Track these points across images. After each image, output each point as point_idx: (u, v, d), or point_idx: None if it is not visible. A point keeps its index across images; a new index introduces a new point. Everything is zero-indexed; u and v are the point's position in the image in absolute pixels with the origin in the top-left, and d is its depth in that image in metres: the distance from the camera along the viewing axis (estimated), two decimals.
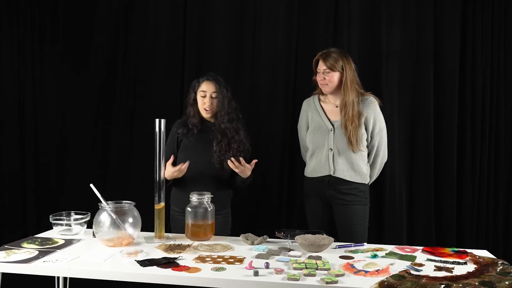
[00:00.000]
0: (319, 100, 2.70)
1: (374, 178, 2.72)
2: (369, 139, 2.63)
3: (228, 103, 2.56)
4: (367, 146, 2.64)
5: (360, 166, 2.60)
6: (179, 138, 2.61)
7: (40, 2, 3.47)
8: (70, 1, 3.50)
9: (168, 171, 2.42)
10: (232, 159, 2.42)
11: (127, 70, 3.48)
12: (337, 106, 2.63)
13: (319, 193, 2.64)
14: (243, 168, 2.44)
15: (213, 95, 2.55)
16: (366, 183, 2.66)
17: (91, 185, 2.11)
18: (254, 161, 2.46)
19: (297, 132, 2.84)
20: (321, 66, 2.58)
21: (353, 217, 2.58)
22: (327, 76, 2.56)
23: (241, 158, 2.44)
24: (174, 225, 2.58)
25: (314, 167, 2.65)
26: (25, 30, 3.45)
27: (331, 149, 2.59)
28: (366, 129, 2.60)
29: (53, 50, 3.51)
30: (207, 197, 2.23)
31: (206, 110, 2.56)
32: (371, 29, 3.28)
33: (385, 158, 2.71)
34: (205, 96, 2.55)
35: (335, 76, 2.56)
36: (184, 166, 2.41)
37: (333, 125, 2.61)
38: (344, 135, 2.56)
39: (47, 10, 3.48)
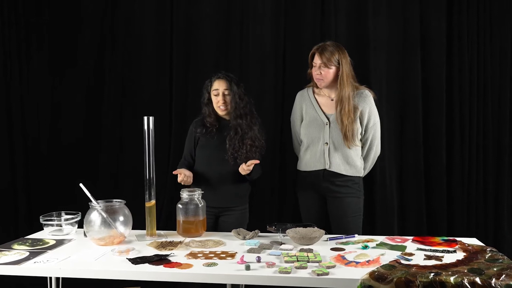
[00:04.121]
0: (314, 92, 2.66)
1: (367, 171, 2.72)
2: (363, 132, 2.61)
3: (239, 99, 2.58)
4: (361, 140, 2.63)
5: (354, 160, 2.58)
6: (197, 137, 2.63)
7: (24, 1, 3.43)
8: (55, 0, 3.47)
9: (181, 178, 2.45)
10: (244, 167, 2.44)
11: (115, 68, 3.46)
12: (332, 100, 2.60)
13: (313, 187, 2.62)
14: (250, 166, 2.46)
15: (226, 92, 2.57)
16: (361, 175, 2.65)
17: (81, 185, 2.10)
18: (253, 162, 2.45)
19: (289, 125, 2.82)
20: (317, 60, 2.54)
21: (347, 209, 2.56)
22: (323, 71, 2.52)
23: (251, 162, 2.44)
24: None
25: (308, 161, 2.62)
26: (10, 31, 3.41)
27: (326, 143, 2.56)
28: (360, 123, 2.58)
29: (40, 49, 3.47)
30: (197, 194, 2.23)
31: (220, 108, 2.58)
32: (358, 19, 3.28)
33: (378, 152, 2.70)
34: (218, 95, 2.57)
35: (331, 70, 2.52)
36: (188, 174, 2.46)
37: (328, 119, 2.57)
38: (339, 130, 2.53)
39: (32, 9, 3.45)
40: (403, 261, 1.74)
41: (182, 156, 2.71)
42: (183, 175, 2.45)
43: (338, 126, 2.53)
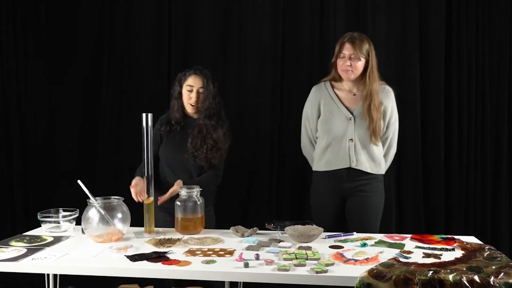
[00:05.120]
0: (332, 86, 2.52)
1: (385, 170, 2.59)
2: (384, 129, 2.50)
3: (212, 99, 2.49)
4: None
5: (379, 157, 2.48)
6: (162, 135, 2.55)
7: None
8: None
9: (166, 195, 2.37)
10: (159, 198, 2.33)
11: (113, 66, 3.45)
12: (354, 94, 2.48)
13: (334, 188, 2.48)
14: (170, 194, 2.35)
15: (200, 90, 2.48)
16: (384, 173, 2.56)
17: (79, 182, 2.09)
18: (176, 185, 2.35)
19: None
20: (348, 51, 2.39)
21: (370, 209, 2.46)
22: (353, 62, 2.39)
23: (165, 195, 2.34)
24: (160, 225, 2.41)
25: (330, 160, 2.46)
26: (7, 29, 3.39)
27: (351, 139, 2.42)
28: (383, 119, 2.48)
29: (37, 47, 3.45)
30: (196, 191, 2.22)
31: (191, 105, 2.50)
32: (357, 17, 3.28)
33: (395, 150, 2.61)
34: (191, 91, 2.48)
35: (361, 62, 2.40)
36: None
37: (352, 114, 2.44)
38: (366, 126, 2.41)
39: (30, 6, 3.43)
40: (401, 259, 1.74)
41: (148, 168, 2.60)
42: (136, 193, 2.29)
43: (365, 122, 2.41)
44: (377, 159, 2.47)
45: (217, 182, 2.56)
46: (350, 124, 2.43)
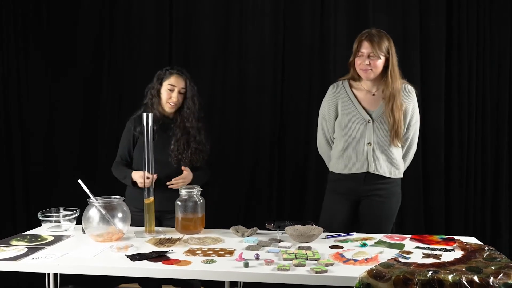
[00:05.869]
0: (351, 86, 2.42)
1: (403, 172, 2.50)
2: (405, 130, 2.40)
3: (195, 100, 2.49)
4: None
5: (398, 161, 2.40)
6: (136, 136, 2.50)
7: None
8: None
9: (138, 180, 2.38)
10: (172, 182, 2.39)
11: (113, 66, 3.45)
12: (373, 94, 2.39)
13: (350, 191, 2.42)
14: (183, 181, 2.41)
15: (181, 91, 2.47)
16: (402, 176, 2.48)
17: (80, 181, 2.10)
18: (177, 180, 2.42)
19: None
20: (367, 49, 2.28)
21: (384, 213, 2.40)
22: (372, 61, 2.29)
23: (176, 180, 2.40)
24: (134, 224, 2.27)
25: (348, 163, 2.38)
26: (8, 29, 3.39)
27: (369, 143, 2.33)
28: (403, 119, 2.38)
29: (38, 44, 3.45)
30: (196, 190, 2.22)
31: (170, 104, 2.47)
32: (357, 16, 3.28)
33: (415, 150, 2.51)
34: (172, 90, 2.46)
35: (380, 61, 2.30)
36: (155, 177, 2.25)
37: (371, 116, 2.35)
38: (388, 127, 2.32)
39: (31, 6, 3.43)
40: (401, 259, 1.74)
41: (118, 156, 2.58)
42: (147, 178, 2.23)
43: (387, 123, 2.32)
44: (396, 162, 2.40)
45: (203, 180, 2.56)
46: (368, 127, 2.35)
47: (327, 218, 2.46)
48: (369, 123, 2.34)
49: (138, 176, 2.40)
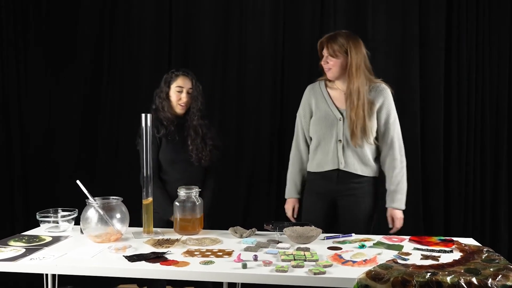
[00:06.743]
0: (326, 86, 2.48)
1: (398, 180, 2.41)
2: (383, 130, 2.42)
3: (202, 99, 2.56)
4: (377, 139, 2.43)
5: (370, 159, 2.41)
6: (159, 140, 2.54)
7: None
8: None
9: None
10: None
11: (113, 65, 3.45)
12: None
13: (325, 190, 2.45)
14: None
15: (189, 91, 2.53)
16: (377, 176, 2.48)
17: (78, 182, 2.09)
18: None
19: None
20: (324, 50, 2.39)
21: (360, 212, 2.41)
22: (330, 61, 2.37)
23: None
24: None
25: (320, 161, 2.43)
26: (8, 29, 3.38)
27: (340, 140, 2.37)
28: (378, 119, 2.40)
29: (37, 44, 3.45)
30: (195, 191, 2.22)
31: (181, 105, 2.54)
32: (357, 17, 3.28)
33: (402, 150, 2.46)
34: (181, 92, 2.53)
35: (339, 60, 2.35)
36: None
37: (342, 114, 2.39)
38: (349, 125, 2.35)
39: (30, 6, 3.43)
40: (400, 261, 1.74)
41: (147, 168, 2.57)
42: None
43: (347, 122, 2.36)
44: (367, 161, 2.41)
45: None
46: (339, 124, 2.39)
47: (307, 219, 2.49)
48: (340, 120, 2.39)
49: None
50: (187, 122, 2.56)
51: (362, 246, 1.98)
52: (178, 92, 2.53)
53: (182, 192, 2.21)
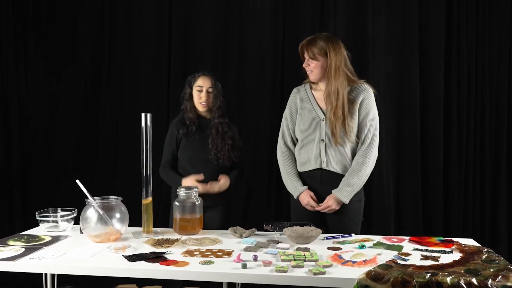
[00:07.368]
0: (311, 88, 2.52)
1: (365, 177, 2.40)
2: (360, 127, 2.40)
3: (222, 98, 2.66)
4: (358, 137, 2.41)
5: (351, 158, 2.41)
6: (179, 138, 2.65)
7: None
8: None
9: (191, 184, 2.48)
10: (209, 190, 2.53)
11: (113, 65, 3.45)
12: None
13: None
14: (219, 189, 2.58)
15: (209, 90, 2.63)
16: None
17: (77, 181, 2.09)
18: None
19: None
20: (305, 53, 2.44)
21: (347, 213, 2.39)
22: (311, 63, 2.41)
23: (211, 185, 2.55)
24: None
25: (304, 161, 2.46)
26: (8, 30, 3.38)
27: (322, 140, 2.40)
28: (358, 117, 2.39)
29: (38, 43, 3.45)
30: (194, 191, 2.22)
31: (202, 104, 2.64)
32: (357, 17, 3.28)
33: (377, 151, 2.43)
34: (201, 91, 2.63)
35: (319, 63, 2.39)
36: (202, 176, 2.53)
37: (325, 114, 2.42)
38: (330, 125, 2.37)
39: (30, 7, 3.42)
40: (399, 261, 1.74)
41: (163, 158, 2.68)
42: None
43: (328, 122, 2.39)
44: (349, 160, 2.41)
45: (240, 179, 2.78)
46: (322, 124, 2.42)
47: (294, 217, 2.52)
48: (323, 121, 2.43)
49: (190, 182, 2.52)
50: (210, 122, 2.66)
51: (362, 247, 1.98)
52: (199, 92, 2.64)
53: (181, 192, 2.21)
